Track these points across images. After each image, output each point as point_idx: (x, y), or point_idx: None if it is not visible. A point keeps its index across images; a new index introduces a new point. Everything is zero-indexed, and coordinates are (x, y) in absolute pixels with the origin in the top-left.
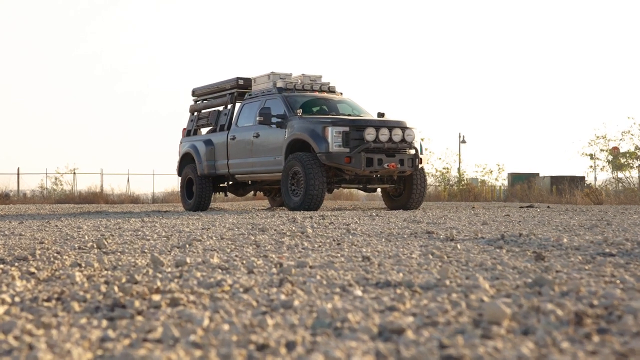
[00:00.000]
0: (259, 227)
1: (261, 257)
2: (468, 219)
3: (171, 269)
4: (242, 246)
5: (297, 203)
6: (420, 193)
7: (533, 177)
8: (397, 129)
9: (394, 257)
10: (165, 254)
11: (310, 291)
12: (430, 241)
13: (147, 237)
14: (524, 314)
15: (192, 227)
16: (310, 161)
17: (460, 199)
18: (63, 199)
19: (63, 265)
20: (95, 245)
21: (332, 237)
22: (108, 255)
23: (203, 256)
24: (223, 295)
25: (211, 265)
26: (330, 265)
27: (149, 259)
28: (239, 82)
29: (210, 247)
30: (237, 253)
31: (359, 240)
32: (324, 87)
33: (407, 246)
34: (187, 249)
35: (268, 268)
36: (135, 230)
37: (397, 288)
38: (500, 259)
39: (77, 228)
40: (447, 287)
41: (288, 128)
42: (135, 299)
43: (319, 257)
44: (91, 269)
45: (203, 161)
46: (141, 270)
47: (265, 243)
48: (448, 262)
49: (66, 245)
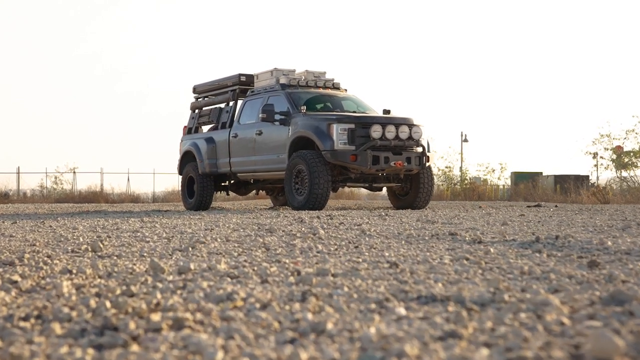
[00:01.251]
0: (265, 227)
1: (274, 263)
2: (483, 219)
3: (173, 277)
4: (250, 249)
5: (301, 202)
6: (428, 192)
7: (536, 176)
8: (404, 126)
9: (424, 262)
10: (166, 259)
11: (340, 308)
12: (455, 244)
13: (146, 238)
14: (636, 346)
15: (195, 228)
16: (315, 159)
17: (464, 198)
18: (63, 198)
19: (52, 272)
20: (89, 248)
21: (346, 239)
22: (103, 260)
23: (208, 261)
24: (236, 314)
25: (218, 272)
26: (355, 273)
27: (148, 264)
28: (241, 78)
29: (216, 251)
30: (245, 257)
31: (376, 242)
32: (328, 84)
33: (433, 249)
34: (190, 253)
35: (284, 277)
36: (134, 231)
37: (446, 304)
38: (547, 266)
39: (72, 229)
40: (506, 303)
41: (292, 125)
42: (130, 317)
43: (338, 263)
44: (82, 276)
45: (204, 159)
46: (139, 278)
47: (275, 246)
48: (488, 269)
49: (59, 247)
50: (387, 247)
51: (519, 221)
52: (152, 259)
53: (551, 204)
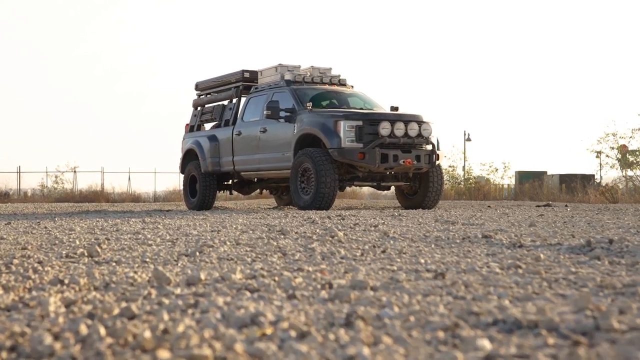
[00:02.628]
0: (276, 229)
1: (296, 272)
2: (503, 219)
3: (181, 290)
4: (265, 254)
5: (308, 202)
6: (437, 191)
7: (541, 175)
8: (413, 123)
9: (471, 271)
10: (172, 265)
11: (400, 337)
12: (494, 248)
13: (148, 241)
14: None
15: (200, 230)
16: (322, 157)
17: (469, 198)
18: (63, 198)
19: (40, 282)
20: (86, 253)
21: (369, 242)
22: (100, 267)
23: (219, 268)
24: (268, 347)
25: (234, 284)
26: (397, 285)
27: (151, 272)
28: (245, 74)
29: (226, 256)
30: (261, 264)
31: (403, 246)
32: (335, 80)
33: (471, 255)
34: (198, 258)
35: (314, 290)
36: (135, 232)
37: (537, 332)
38: (620, 276)
39: (68, 230)
40: (616, 331)
41: (297, 122)
42: (130, 351)
43: (371, 272)
44: (75, 287)
45: (207, 158)
46: (141, 290)
47: (292, 250)
48: (553, 281)
49: (52, 252)
50: (417, 251)
51: (545, 222)
52: (155, 267)
53: (560, 203)
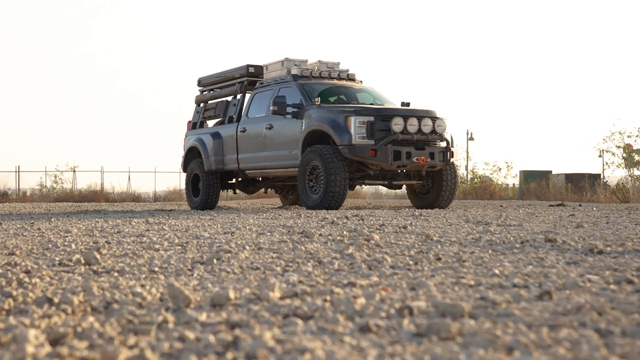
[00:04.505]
0: (296, 231)
1: (347, 287)
2: (537, 220)
3: (207, 315)
4: (296, 262)
5: (316, 201)
6: (451, 190)
7: (546, 174)
8: (426, 118)
9: (575, 287)
10: (186, 276)
11: None
12: (570, 255)
13: (154, 245)
14: None
15: (211, 231)
16: (331, 155)
17: (475, 197)
18: (63, 197)
19: (24, 301)
20: (82, 260)
21: (413, 247)
22: (99, 278)
23: (247, 281)
24: None
25: (276, 306)
26: (501, 311)
27: (162, 287)
28: (250, 69)
29: (250, 264)
30: (297, 276)
31: (455, 251)
32: (343, 75)
33: (545, 263)
34: (217, 267)
35: (390, 319)
36: (138, 235)
37: None
38: None
39: (64, 232)
40: None
41: (305, 118)
42: None
43: (447, 289)
44: (68, 309)
45: (210, 156)
46: (152, 316)
47: (326, 257)
48: None
49: (43, 258)
50: (479, 259)
51: (590, 223)
52: (168, 280)
53: (570, 203)
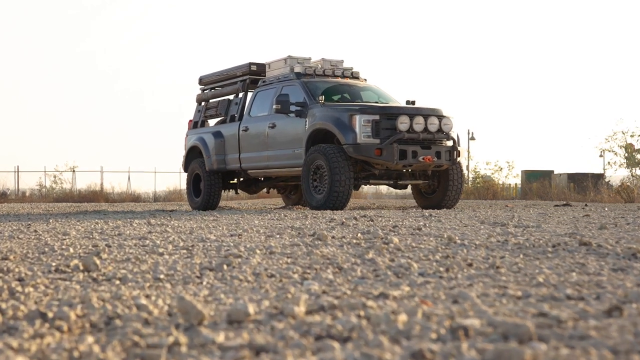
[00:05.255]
0: (307, 233)
1: (379, 299)
2: (554, 220)
3: (225, 336)
4: (313, 268)
5: (321, 201)
6: (457, 190)
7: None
8: (433, 117)
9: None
10: (195, 285)
11: None
12: (611, 259)
13: (158, 249)
14: None
15: (217, 234)
16: (336, 154)
17: (477, 197)
18: (62, 198)
19: (14, 316)
20: (81, 266)
21: (437, 252)
22: (99, 287)
23: (263, 291)
24: None
25: (304, 324)
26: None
27: (169, 298)
28: (252, 67)
29: (264, 270)
30: (320, 285)
31: (484, 256)
32: (347, 73)
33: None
34: (228, 273)
35: (444, 342)
36: (140, 237)
37: None
38: None
39: (62, 235)
40: None
41: (309, 117)
42: None
43: (494, 302)
44: (63, 326)
45: (212, 155)
46: (161, 335)
47: (346, 262)
48: None
49: (39, 263)
50: (514, 265)
51: (610, 224)
52: (175, 289)
53: (575, 203)
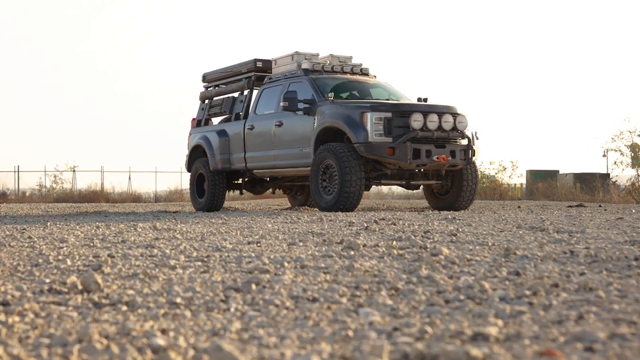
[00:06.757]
0: (333, 241)
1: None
2: (592, 225)
3: None
4: (361, 287)
5: (330, 202)
6: (472, 191)
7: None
8: (447, 115)
9: None
10: (221, 312)
11: None
12: None
13: (169, 260)
14: None
15: (232, 241)
16: (346, 153)
17: (484, 197)
18: (62, 198)
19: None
20: (79, 284)
21: (501, 266)
22: (102, 315)
23: (311, 324)
24: None
25: None
26: None
27: (192, 335)
28: (257, 64)
29: (302, 292)
30: (382, 316)
31: (562, 272)
32: (356, 69)
33: None
34: (259, 297)
35: None
36: (147, 245)
37: None
38: None
39: (60, 242)
40: None
41: (318, 115)
42: None
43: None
44: None
45: (216, 155)
46: None
47: (398, 280)
48: None
49: (30, 279)
50: (607, 284)
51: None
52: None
53: (588, 203)
